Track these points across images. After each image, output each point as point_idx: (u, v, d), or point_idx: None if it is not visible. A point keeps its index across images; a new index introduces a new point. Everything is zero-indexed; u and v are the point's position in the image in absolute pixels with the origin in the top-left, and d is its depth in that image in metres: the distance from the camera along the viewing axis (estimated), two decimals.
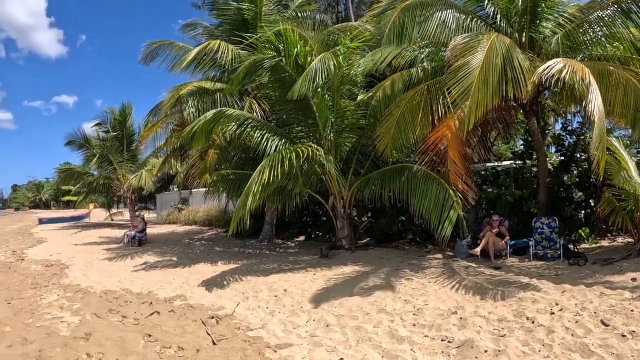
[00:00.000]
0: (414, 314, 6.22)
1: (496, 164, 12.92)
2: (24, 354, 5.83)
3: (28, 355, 5.76)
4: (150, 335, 6.33)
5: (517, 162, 11.74)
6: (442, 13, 10.15)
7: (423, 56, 11.58)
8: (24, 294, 9.72)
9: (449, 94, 8.63)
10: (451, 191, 9.11)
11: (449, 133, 9.34)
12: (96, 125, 30.77)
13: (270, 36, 10.50)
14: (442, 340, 5.24)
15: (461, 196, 9.20)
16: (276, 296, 7.98)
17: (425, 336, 5.44)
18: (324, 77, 9.61)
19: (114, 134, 29.58)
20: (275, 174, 9.10)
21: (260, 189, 9.11)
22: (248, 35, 11.82)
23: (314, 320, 6.48)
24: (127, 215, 38.10)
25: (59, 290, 10.00)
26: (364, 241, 12.73)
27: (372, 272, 8.98)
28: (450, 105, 9.23)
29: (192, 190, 26.17)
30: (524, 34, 10.25)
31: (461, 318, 5.84)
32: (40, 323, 7.31)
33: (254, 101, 14.11)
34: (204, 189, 17.97)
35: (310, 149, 9.75)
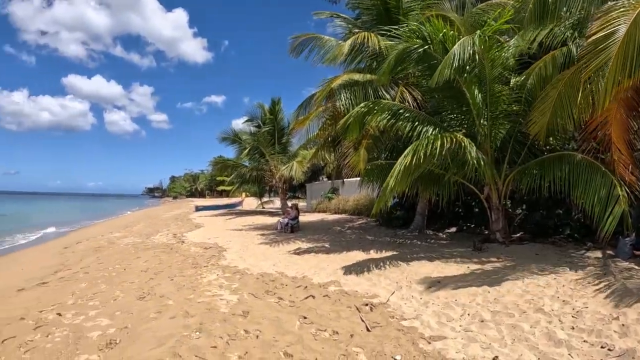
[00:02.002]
0: (572, 316, 6.04)
1: None
2: (185, 325, 6.58)
3: (189, 327, 6.47)
4: (305, 317, 6.83)
5: None
6: None
7: (575, 32, 10.83)
8: (185, 272, 10.94)
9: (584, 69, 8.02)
10: (617, 183, 8.57)
11: (611, 117, 8.85)
12: (247, 121, 33.17)
13: (414, 25, 10.66)
14: (602, 347, 5.06)
15: (627, 189, 8.57)
16: (430, 287, 8.11)
17: (584, 341, 5.27)
18: (463, 61, 9.49)
19: (266, 128, 31.29)
20: (418, 157, 9.34)
21: (402, 173, 9.46)
22: (392, 23, 12.07)
23: (469, 315, 6.52)
24: (277, 203, 40.53)
25: (217, 270, 11.06)
26: (517, 235, 12.32)
27: (528, 268, 8.82)
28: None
29: (345, 180, 26.91)
30: None
31: (623, 325, 5.56)
32: (201, 299, 8.19)
33: (405, 89, 14.37)
34: (355, 179, 18.46)
35: (455, 137, 9.81)
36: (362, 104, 11.36)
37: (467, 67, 10.11)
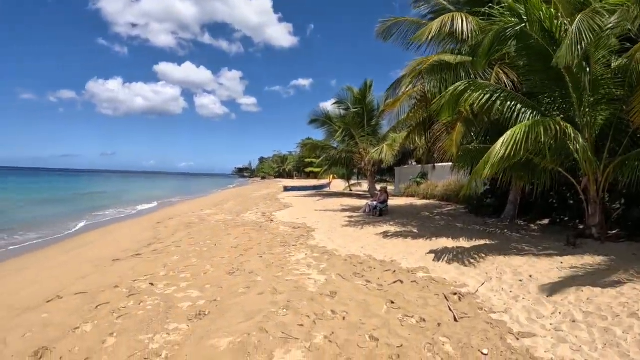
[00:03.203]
0: None
1: None
2: (273, 302, 6.90)
3: (277, 304, 6.77)
4: (392, 302, 6.92)
5: None
6: None
7: None
8: (274, 250, 11.49)
9: None
10: None
11: None
12: (335, 103, 33.57)
13: (509, 2, 10.33)
14: None
15: None
16: (520, 280, 7.97)
17: None
18: (587, 41, 8.99)
19: (355, 110, 31.60)
20: (517, 147, 9.07)
21: (497, 161, 9.23)
22: (484, 1, 11.71)
23: (560, 313, 6.32)
24: (364, 186, 40.96)
25: (306, 250, 11.49)
26: (614, 232, 11.64)
27: (624, 268, 8.33)
28: None
29: (435, 164, 26.73)
30: None
31: None
32: (289, 277, 8.55)
33: (500, 70, 13.93)
34: (445, 164, 18.24)
35: (560, 125, 9.49)
36: (459, 83, 11.07)
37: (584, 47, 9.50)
